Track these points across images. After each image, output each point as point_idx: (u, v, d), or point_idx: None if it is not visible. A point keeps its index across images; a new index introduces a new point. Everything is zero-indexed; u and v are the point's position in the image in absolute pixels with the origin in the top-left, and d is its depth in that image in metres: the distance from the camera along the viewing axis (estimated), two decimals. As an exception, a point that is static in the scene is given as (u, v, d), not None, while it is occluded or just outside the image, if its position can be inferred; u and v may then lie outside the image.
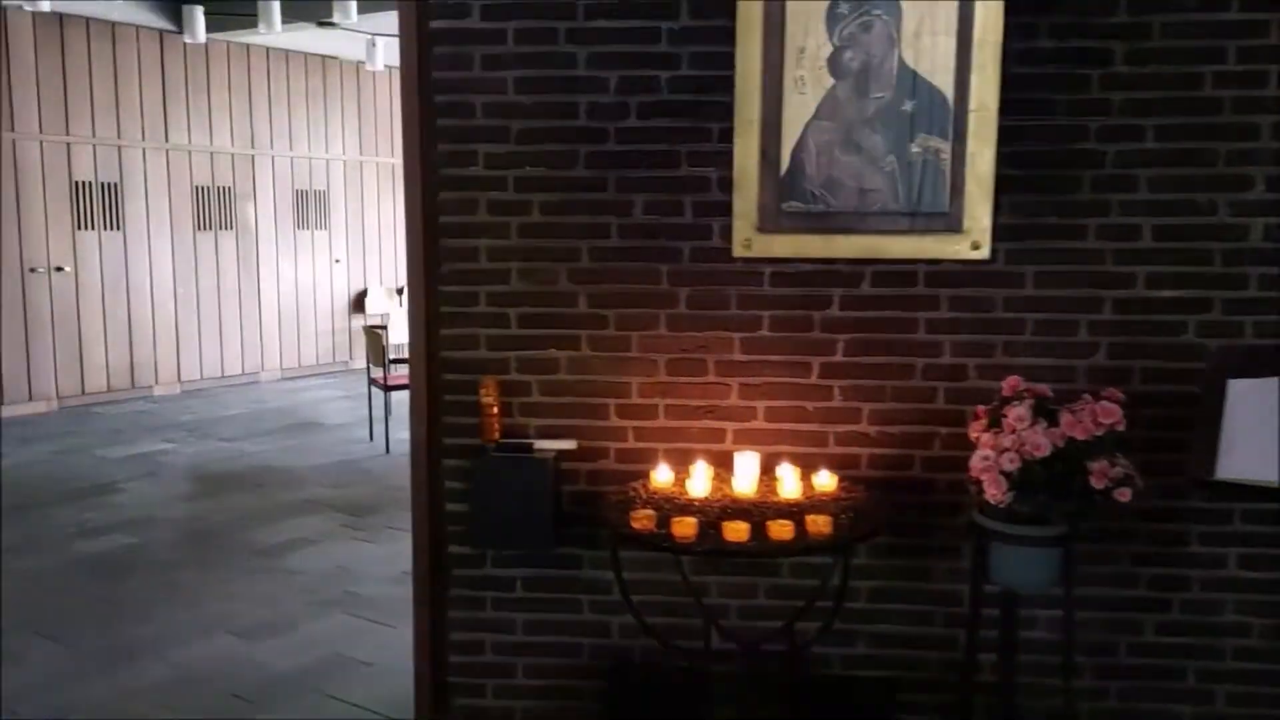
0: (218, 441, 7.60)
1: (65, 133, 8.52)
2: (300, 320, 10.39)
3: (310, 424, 8.23)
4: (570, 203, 2.78)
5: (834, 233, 2.68)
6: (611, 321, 2.80)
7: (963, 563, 2.77)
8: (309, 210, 10.36)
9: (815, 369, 2.76)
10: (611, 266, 2.79)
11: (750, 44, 2.63)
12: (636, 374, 2.81)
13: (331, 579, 4.83)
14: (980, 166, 2.61)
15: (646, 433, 2.82)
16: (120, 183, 8.92)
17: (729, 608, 2.82)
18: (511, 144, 2.78)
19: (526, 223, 2.80)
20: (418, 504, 2.90)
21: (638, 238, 2.77)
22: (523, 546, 2.78)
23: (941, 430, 2.74)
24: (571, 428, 2.83)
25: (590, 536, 2.86)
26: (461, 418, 2.86)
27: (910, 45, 2.60)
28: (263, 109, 9.88)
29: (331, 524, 5.67)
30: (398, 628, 4.24)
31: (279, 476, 6.67)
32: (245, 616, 4.36)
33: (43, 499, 6.14)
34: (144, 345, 9.18)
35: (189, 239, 9.43)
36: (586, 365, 2.82)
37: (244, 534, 5.49)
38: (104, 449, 7.36)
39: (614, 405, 2.82)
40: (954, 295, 2.70)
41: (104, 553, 5.19)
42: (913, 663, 2.82)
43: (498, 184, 2.79)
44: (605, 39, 2.71)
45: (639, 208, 2.76)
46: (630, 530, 2.25)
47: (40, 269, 8.48)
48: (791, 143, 2.66)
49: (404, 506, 6.11)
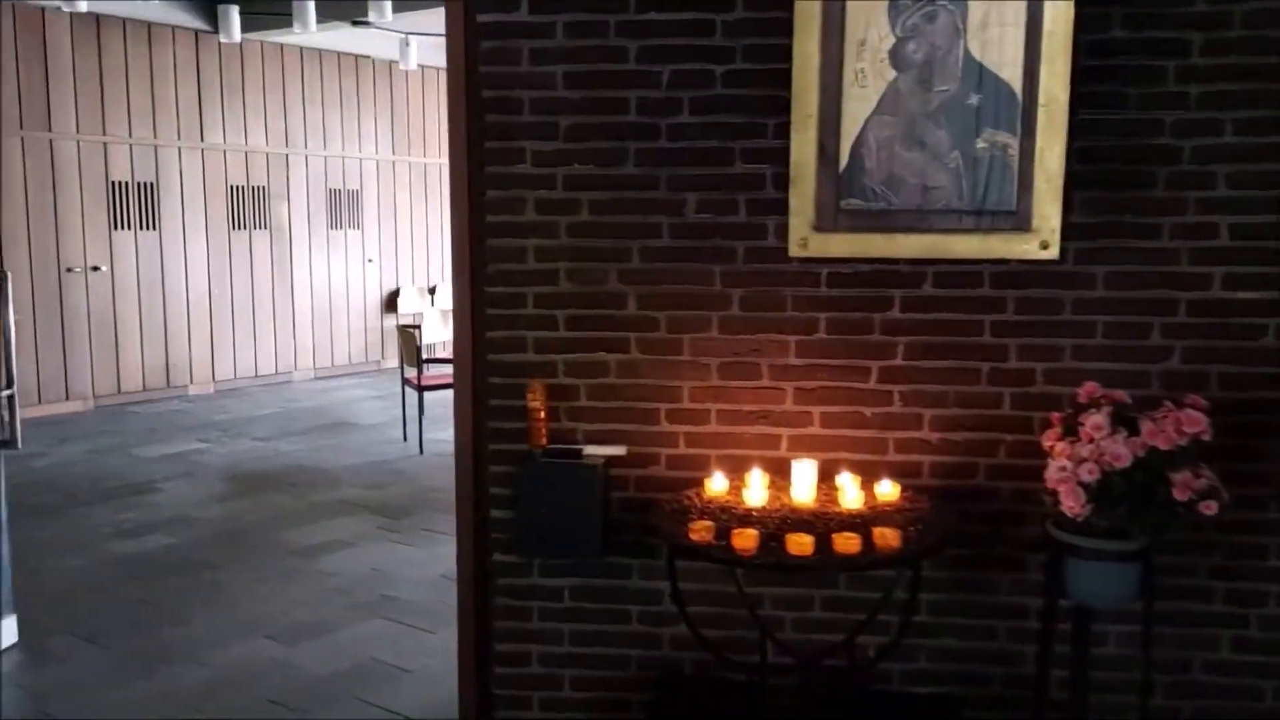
0: (252, 441, 7.59)
1: (102, 133, 8.55)
2: (333, 320, 10.38)
3: (343, 424, 8.21)
4: (620, 201, 2.69)
5: (895, 231, 2.57)
6: (662, 324, 2.71)
7: (1028, 575, 2.66)
8: (342, 210, 10.35)
9: (874, 373, 2.65)
10: (662, 267, 2.70)
11: (808, 36, 2.53)
12: (688, 378, 2.72)
13: (368, 582, 4.77)
14: (1049, 163, 2.50)
15: (698, 439, 2.73)
16: (156, 182, 8.95)
17: (784, 620, 2.72)
18: (560, 141, 2.69)
19: (575, 222, 2.71)
20: (462, 511, 2.83)
21: (690, 237, 2.68)
22: (571, 555, 2.70)
23: (1007, 437, 2.63)
24: (621, 433, 2.75)
25: (640, 545, 2.77)
26: (507, 422, 2.78)
27: (977, 36, 2.49)
28: (296, 108, 9.88)
29: (367, 525, 5.62)
30: (436, 633, 4.18)
31: (313, 476, 6.64)
32: (282, 619, 4.31)
33: (80, 498, 6.14)
34: (179, 345, 9.20)
35: (224, 238, 9.44)
36: (636, 369, 2.73)
37: (280, 535, 5.45)
38: (140, 448, 7.36)
39: (664, 410, 2.73)
40: (1021, 297, 2.59)
41: (141, 553, 5.17)
42: (976, 678, 2.71)
43: (546, 182, 2.71)
44: (657, 32, 2.62)
45: (691, 206, 2.67)
46: (688, 542, 2.16)
47: (77, 269, 8.51)
48: (851, 138, 2.56)
49: (439, 508, 6.08)
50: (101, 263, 8.65)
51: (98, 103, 8.51)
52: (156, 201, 8.96)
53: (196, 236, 9.24)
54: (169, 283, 9.09)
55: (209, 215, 9.31)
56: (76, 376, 8.55)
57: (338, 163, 10.26)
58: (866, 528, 2.15)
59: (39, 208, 8.24)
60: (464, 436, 2.79)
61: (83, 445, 7.44)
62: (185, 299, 9.20)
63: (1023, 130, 2.50)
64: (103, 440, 7.60)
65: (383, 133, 10.62)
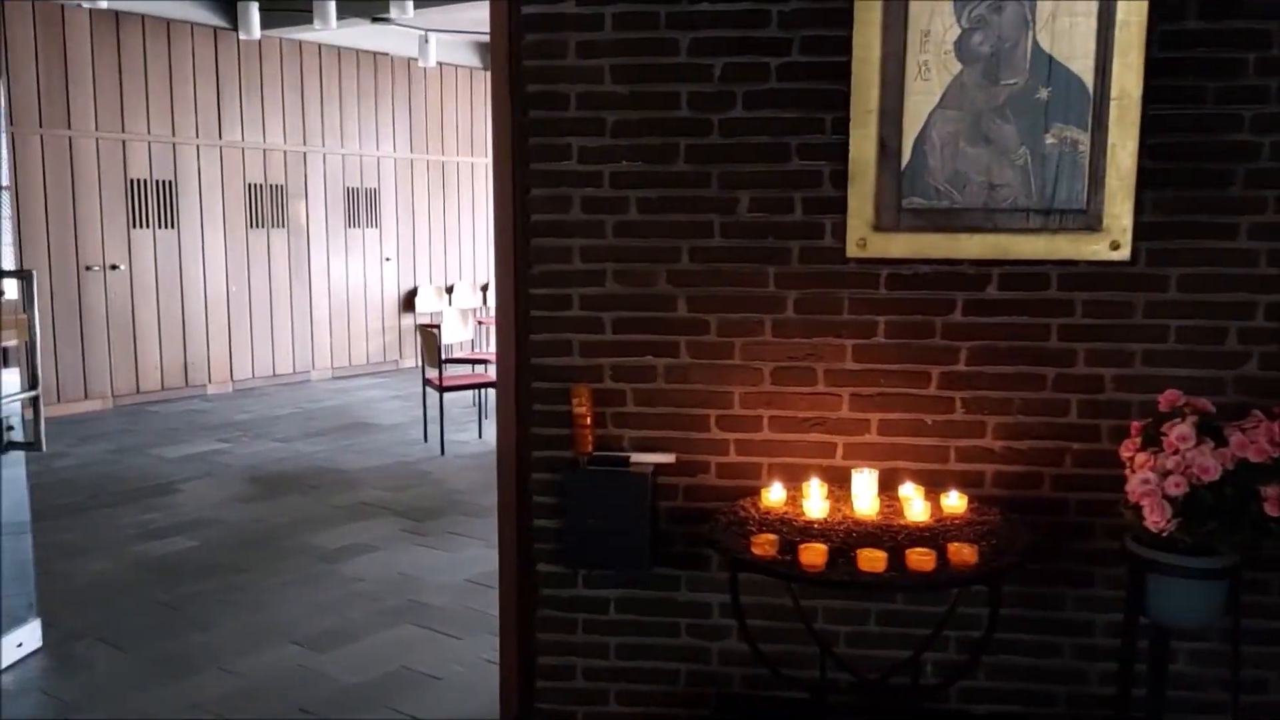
0: (272, 441, 7.51)
1: (121, 130, 8.48)
2: (350, 319, 10.31)
3: (363, 424, 8.12)
4: (670, 200, 2.59)
5: (958, 231, 2.47)
6: (713, 327, 2.61)
7: (1095, 590, 2.55)
8: (360, 208, 10.27)
9: (935, 379, 2.55)
10: (714, 268, 2.59)
11: (869, 27, 2.43)
12: (739, 383, 2.61)
13: (395, 587, 4.68)
14: (1121, 159, 2.39)
15: (750, 446, 2.63)
16: (174, 180, 8.88)
17: (838, 634, 2.62)
18: (607, 137, 2.59)
19: (623, 221, 2.61)
20: (504, 520, 2.73)
21: (743, 237, 2.58)
22: (618, 566, 2.60)
23: (1074, 446, 2.52)
24: (669, 440, 2.65)
25: (689, 556, 2.67)
26: (551, 429, 2.69)
27: (1046, 28, 2.38)
28: (315, 106, 9.80)
29: (391, 528, 5.54)
30: (465, 639, 4.09)
31: (335, 478, 6.55)
32: (309, 625, 4.22)
33: (102, 499, 6.06)
34: (197, 344, 9.13)
35: (242, 237, 9.37)
36: (685, 373, 2.63)
37: (304, 538, 5.37)
38: (160, 448, 7.29)
39: (714, 416, 2.63)
40: (1090, 299, 2.47)
41: (165, 555, 5.09)
42: (1039, 697, 2.60)
43: (592, 180, 2.61)
44: (710, 23, 2.52)
45: (744, 205, 2.57)
46: (751, 557, 2.05)
47: (96, 267, 8.44)
48: (914, 134, 2.45)
49: (464, 511, 5.99)
50: (120, 261, 8.58)
51: (117, 100, 8.44)
52: (175, 200, 8.89)
53: (215, 235, 9.17)
54: (187, 281, 9.03)
55: (227, 213, 9.24)
56: (95, 375, 8.49)
57: (355, 161, 10.18)
58: (939, 543, 2.04)
59: (58, 206, 8.17)
60: (506, 443, 2.69)
61: (103, 445, 7.38)
62: (204, 298, 9.13)
63: (1094, 125, 2.39)
64: (123, 440, 7.54)
65: (400, 131, 10.54)
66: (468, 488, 6.32)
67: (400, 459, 7.04)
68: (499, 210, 2.65)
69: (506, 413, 2.69)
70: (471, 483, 6.44)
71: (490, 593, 4.60)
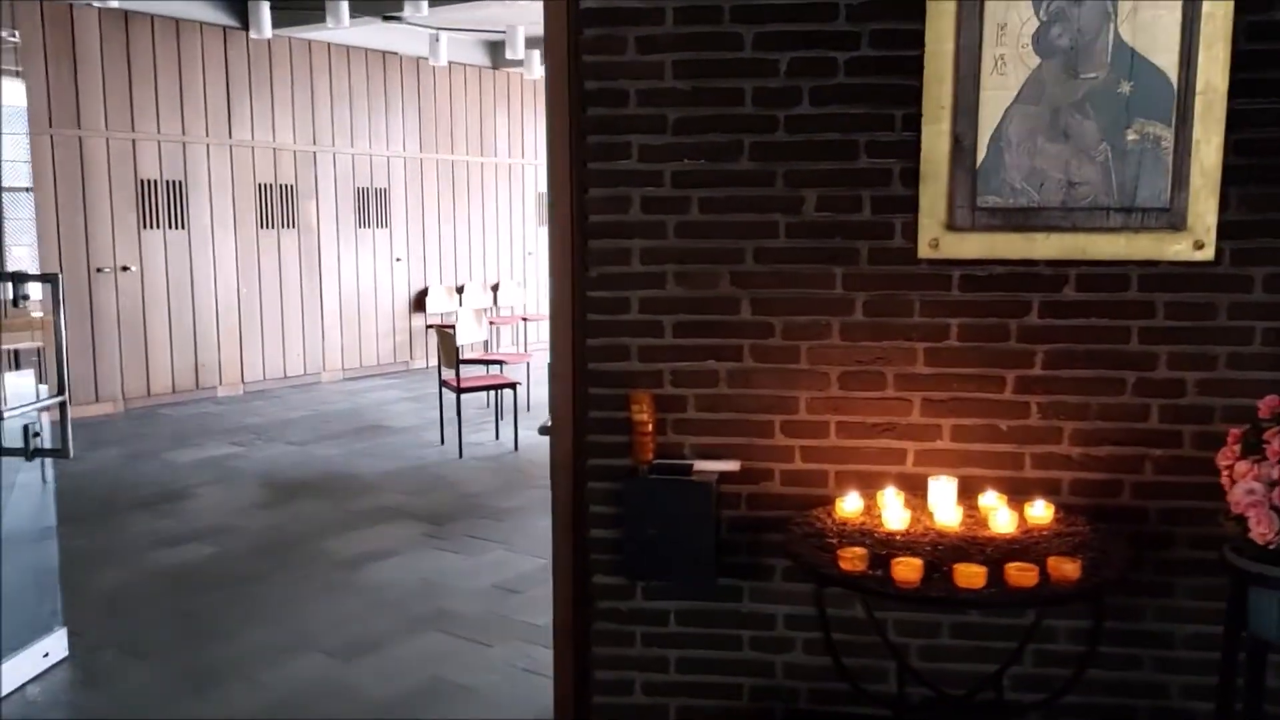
0: (285, 445, 7.40)
1: (131, 130, 8.37)
2: (361, 320, 10.20)
3: (377, 427, 8.02)
4: (733, 199, 2.50)
5: (1035, 230, 2.37)
6: (778, 330, 2.52)
7: (1175, 601, 2.46)
8: (370, 208, 10.16)
9: (1010, 383, 2.45)
10: (779, 269, 2.50)
11: (943, 20, 2.34)
12: (805, 388, 2.52)
13: (419, 594, 4.59)
14: (1206, 156, 2.30)
15: (816, 453, 2.53)
16: (185, 180, 8.77)
17: (909, 647, 2.53)
18: (668, 135, 2.50)
19: (684, 221, 2.52)
20: (560, 530, 2.63)
21: (809, 237, 2.48)
22: (681, 578, 2.51)
23: (1154, 452, 2.43)
24: (732, 447, 2.55)
25: (752, 567, 2.58)
26: (609, 436, 2.59)
27: (1128, 19, 2.29)
28: (324, 105, 9.69)
29: (411, 533, 5.44)
30: (496, 648, 4.00)
31: (351, 482, 6.45)
32: (335, 635, 4.13)
33: (117, 506, 5.96)
34: (208, 346, 9.02)
35: (252, 237, 9.26)
36: (749, 378, 2.54)
37: (323, 544, 5.27)
38: (173, 452, 7.19)
39: (779, 422, 2.54)
40: (1172, 301, 2.38)
41: (183, 564, 4.99)
42: (1118, 713, 2.51)
43: (653, 179, 2.51)
44: (775, 16, 2.42)
45: (811, 204, 2.47)
46: (838, 571, 1.96)
47: (107, 269, 8.33)
48: (989, 130, 2.35)
49: (484, 515, 5.90)
50: (131, 263, 8.47)
51: (126, 100, 8.33)
52: (185, 200, 8.78)
53: (225, 235, 9.06)
54: (198, 283, 8.91)
55: (237, 214, 9.13)
56: (106, 379, 8.37)
57: (365, 160, 10.07)
58: (1036, 557, 1.95)
59: (68, 207, 8.06)
60: (563, 451, 2.60)
61: (116, 450, 7.27)
62: (214, 299, 9.02)
63: (1177, 121, 2.30)
64: (135, 444, 7.43)
65: (410, 130, 10.43)
66: (487, 490, 6.23)
67: (417, 462, 6.94)
68: (555, 211, 2.55)
69: (563, 420, 2.59)
70: (490, 485, 6.35)
71: (518, 598, 4.51)
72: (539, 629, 4.15)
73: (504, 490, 6.23)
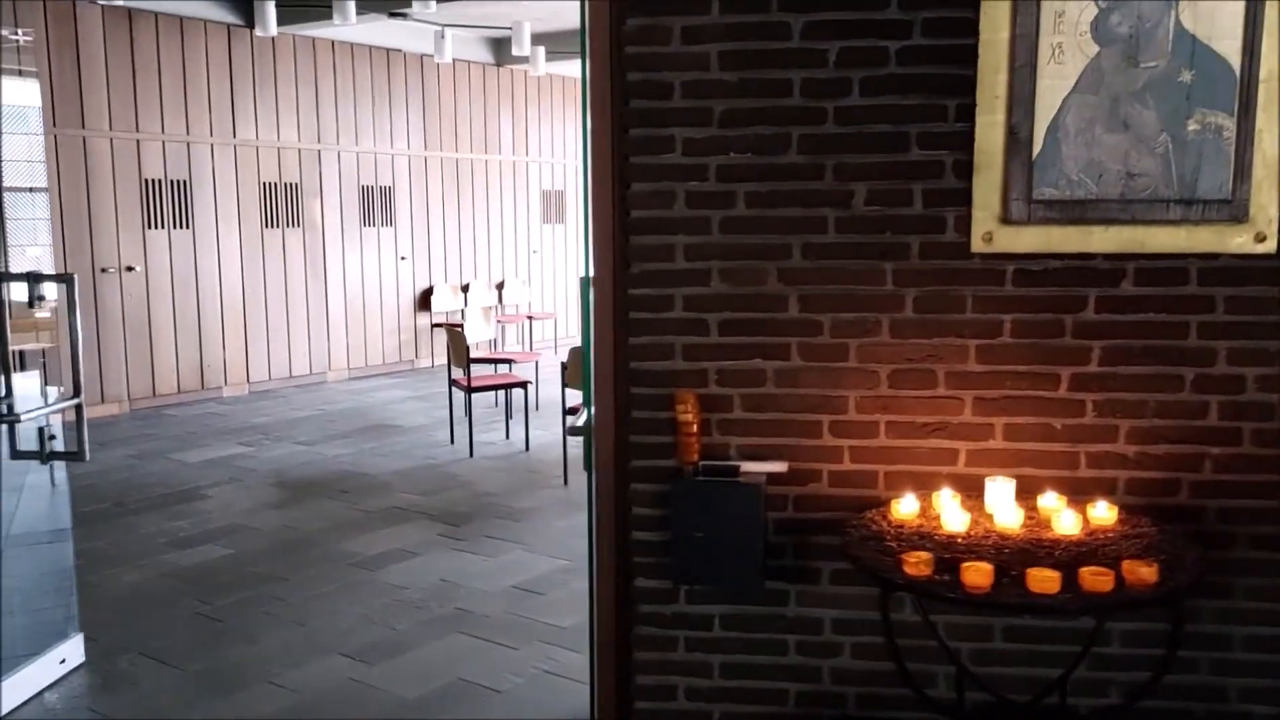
0: (294, 445, 7.32)
1: (135, 129, 8.27)
2: (366, 319, 10.11)
3: (385, 426, 7.94)
4: (781, 193, 2.42)
5: (1092, 223, 2.30)
6: (826, 328, 2.44)
7: (1234, 602, 2.40)
8: (374, 206, 10.07)
9: (1065, 380, 2.39)
10: (827, 265, 2.43)
11: (998, 8, 2.26)
12: (854, 387, 2.45)
13: (439, 594, 4.52)
14: (1269, 146, 2.23)
15: (864, 453, 2.46)
16: (190, 180, 8.67)
17: (960, 650, 2.46)
18: (714, 127, 2.42)
19: (730, 216, 2.45)
20: (602, 533, 2.56)
21: (859, 232, 2.41)
22: (728, 582, 2.44)
23: (1213, 450, 2.37)
24: (778, 447, 2.48)
25: (798, 570, 2.51)
26: (653, 436, 2.52)
27: (1189, 6, 2.22)
28: (329, 103, 9.60)
29: (428, 533, 5.36)
30: (520, 650, 3.93)
31: (363, 482, 6.37)
32: (356, 636, 4.06)
33: (129, 506, 5.87)
34: (213, 346, 8.93)
35: (257, 237, 9.17)
36: (796, 377, 2.47)
37: (340, 544, 5.19)
38: (181, 453, 7.10)
39: (827, 422, 2.47)
40: (1232, 295, 2.32)
41: (199, 565, 4.91)
42: (1176, 714, 2.44)
43: (697, 173, 2.44)
44: (824, 5, 2.35)
45: (860, 197, 2.40)
46: (903, 576, 1.89)
47: (111, 269, 8.23)
48: (1046, 120, 2.28)
49: (500, 514, 5.83)
50: (136, 263, 8.38)
51: (130, 99, 8.23)
52: (190, 200, 8.68)
53: (230, 235, 8.97)
54: (203, 282, 8.82)
55: (242, 213, 9.03)
56: (111, 379, 8.28)
57: (370, 159, 9.98)
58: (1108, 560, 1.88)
59: (73, 207, 7.96)
60: (605, 452, 2.52)
61: (123, 450, 7.18)
62: (219, 299, 8.93)
63: (1240, 110, 2.23)
64: (142, 445, 7.34)
65: (414, 128, 10.34)
66: (500, 490, 6.15)
67: (427, 461, 6.86)
68: (597, 206, 2.48)
69: (604, 420, 2.52)
70: (504, 485, 6.27)
71: (539, 600, 4.44)
72: (563, 631, 4.08)
73: (517, 490, 6.16)
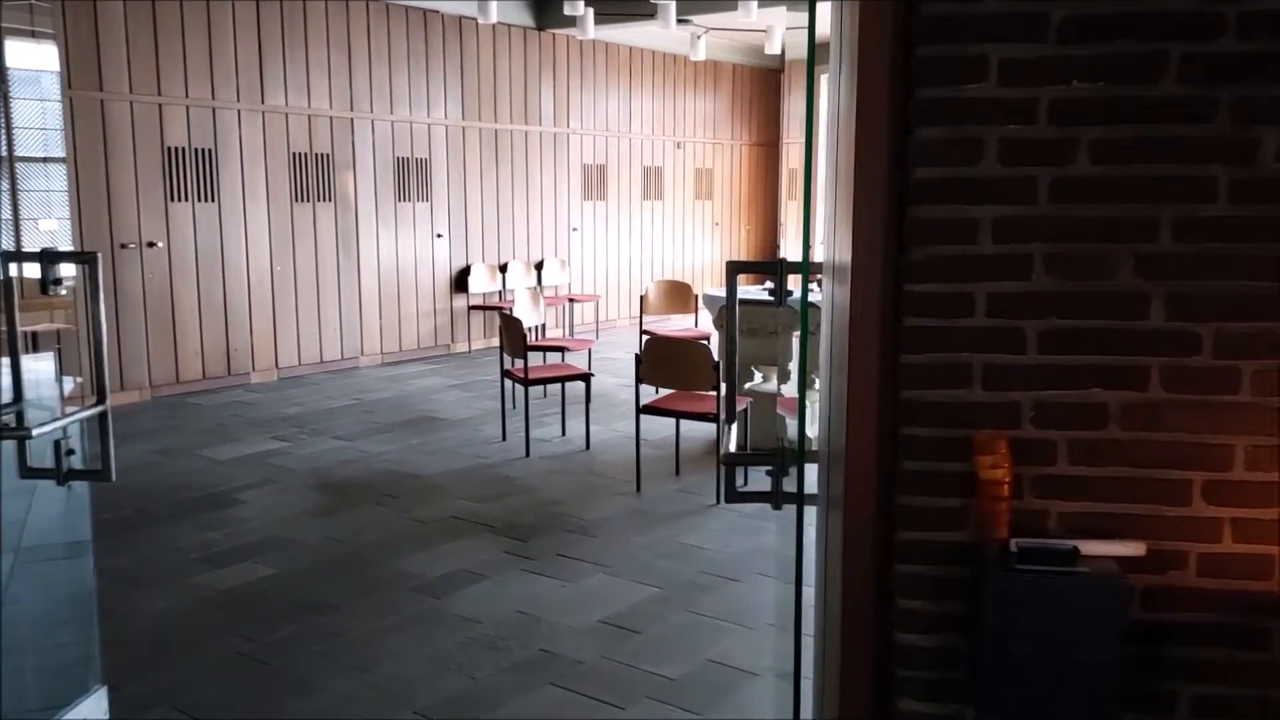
0: (333, 440, 6.50)
1: (156, 93, 7.39)
2: (401, 301, 9.26)
3: (428, 418, 7.11)
4: (1147, 141, 1.58)
5: None
6: (1206, 343, 1.61)
7: None
8: (410, 180, 9.19)
9: None
10: (1212, 250, 1.59)
11: None
12: (1244, 431, 1.62)
13: (518, 630, 3.73)
14: None
15: (1255, 528, 1.63)
16: (215, 149, 7.80)
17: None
18: (1050, 43, 1.58)
19: (1066, 177, 1.61)
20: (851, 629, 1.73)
21: (1265, 202, 1.57)
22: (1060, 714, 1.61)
23: None
24: (1123, 519, 1.65)
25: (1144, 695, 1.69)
26: (932, 497, 1.69)
27: None
28: (362, 67, 8.70)
29: (492, 549, 4.56)
30: (628, 711, 3.14)
31: (413, 485, 5.56)
32: (431, 687, 3.28)
33: (154, 513, 5.06)
34: (240, 328, 8.09)
35: (286, 211, 8.30)
36: (1156, 415, 1.63)
37: (396, 563, 4.39)
38: (210, 448, 6.28)
39: (1200, 482, 1.64)
40: None
41: (237, 588, 4.11)
42: None
43: (1020, 111, 1.60)
44: None
45: (1271, 149, 1.56)
46: None
47: (132, 244, 7.38)
48: None
49: (569, 527, 5.00)
50: (158, 238, 7.52)
51: (152, 60, 7.34)
52: (215, 170, 7.81)
53: (257, 209, 8.11)
54: (229, 260, 7.97)
55: (270, 185, 8.16)
56: (132, 365, 7.44)
57: (405, 128, 9.09)
58: None
59: (89, 177, 7.10)
60: (859, 517, 1.69)
61: (146, 445, 6.36)
62: (246, 278, 8.08)
63: None
64: (167, 439, 6.52)
65: (453, 95, 9.45)
66: (564, 497, 5.34)
67: (479, 460, 6.04)
68: (860, 159, 1.64)
69: (860, 471, 1.69)
70: (566, 490, 5.46)
71: (636, 641, 3.63)
72: (676, 686, 3.29)
73: (584, 497, 5.34)
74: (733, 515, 5.00)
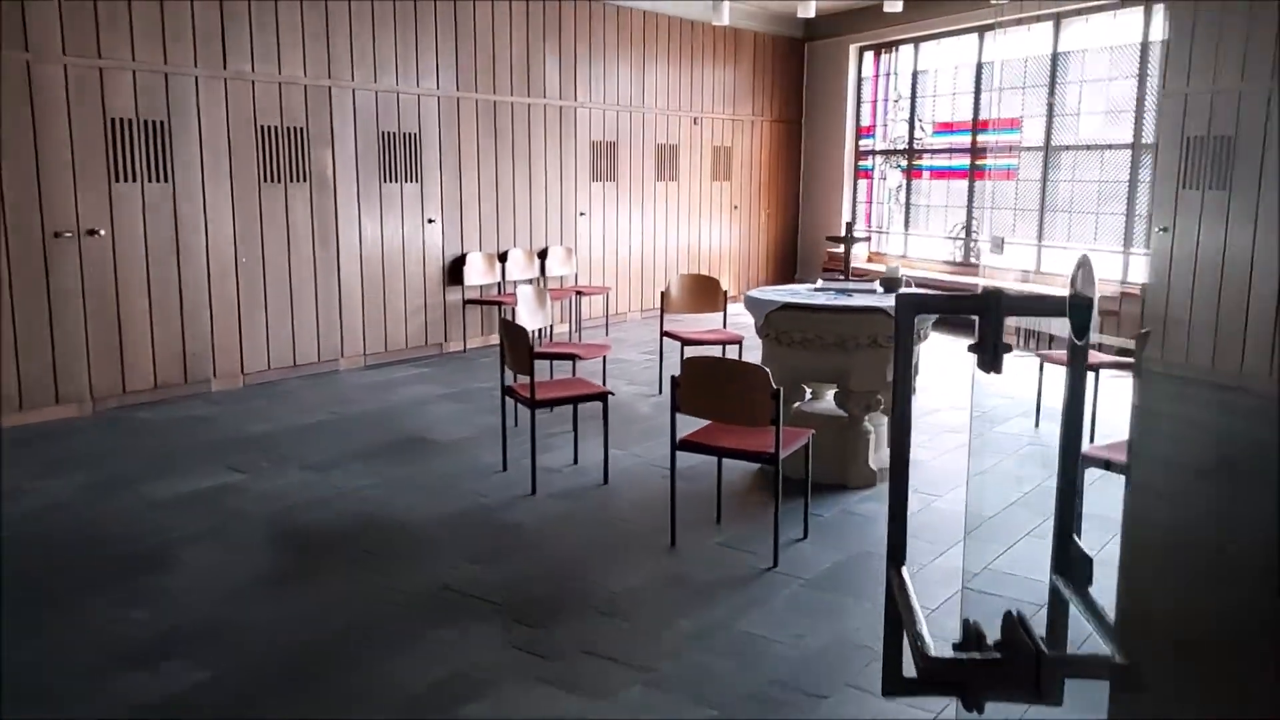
0: (300, 470, 5.43)
1: (97, 56, 6.24)
2: (387, 295, 8.16)
3: (416, 440, 6.04)
4: None
5: None
6: None
7: None
8: (396, 158, 8.06)
9: None
10: None
11: None
12: None
13: (538, 788, 2.68)
14: None
15: None
16: (168, 121, 6.66)
17: None
18: None
19: None
20: None
21: None
22: None
23: None
24: None
25: None
26: None
27: None
28: (342, 29, 7.55)
29: (497, 645, 3.50)
30: None
31: (396, 537, 4.50)
32: None
33: (69, 577, 4.01)
34: (199, 329, 6.99)
35: (252, 193, 7.18)
36: None
37: (375, 665, 3.35)
38: (151, 482, 5.20)
39: None
40: None
41: (164, 703, 3.08)
42: None
43: None
44: None
45: None
46: None
47: (67, 233, 6.26)
48: None
49: (593, 605, 3.86)
50: (100, 225, 6.40)
51: (91, 16, 6.20)
52: (169, 146, 6.68)
53: (218, 190, 6.98)
54: (185, 250, 6.86)
55: (234, 163, 7.04)
56: (68, 374, 6.35)
57: (391, 99, 7.95)
58: None
59: (16, 153, 5.97)
60: None
61: (76, 477, 5.28)
62: (205, 270, 6.97)
63: None
64: (104, 467, 5.44)
65: (445, 63, 8.30)
66: (584, 554, 4.29)
67: (478, 500, 4.98)
68: None
69: None
70: (585, 545, 4.40)
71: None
72: None
73: (607, 555, 4.29)
74: (796, 585, 3.95)
